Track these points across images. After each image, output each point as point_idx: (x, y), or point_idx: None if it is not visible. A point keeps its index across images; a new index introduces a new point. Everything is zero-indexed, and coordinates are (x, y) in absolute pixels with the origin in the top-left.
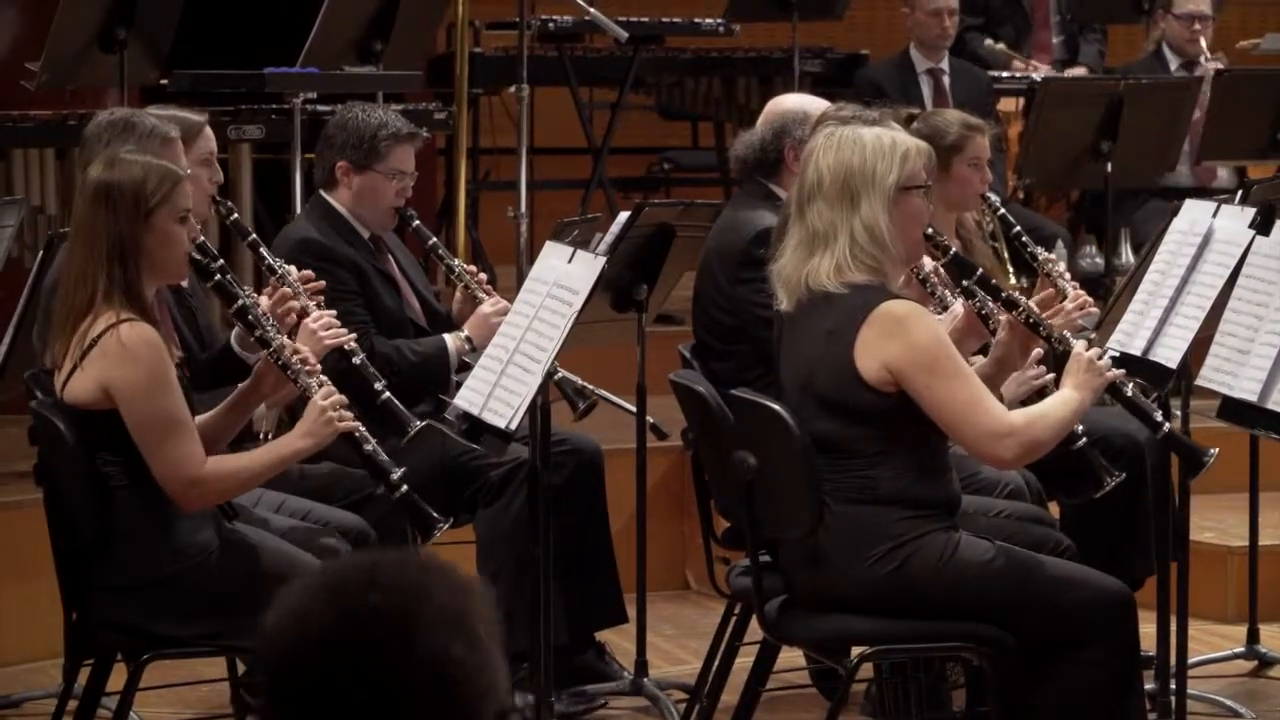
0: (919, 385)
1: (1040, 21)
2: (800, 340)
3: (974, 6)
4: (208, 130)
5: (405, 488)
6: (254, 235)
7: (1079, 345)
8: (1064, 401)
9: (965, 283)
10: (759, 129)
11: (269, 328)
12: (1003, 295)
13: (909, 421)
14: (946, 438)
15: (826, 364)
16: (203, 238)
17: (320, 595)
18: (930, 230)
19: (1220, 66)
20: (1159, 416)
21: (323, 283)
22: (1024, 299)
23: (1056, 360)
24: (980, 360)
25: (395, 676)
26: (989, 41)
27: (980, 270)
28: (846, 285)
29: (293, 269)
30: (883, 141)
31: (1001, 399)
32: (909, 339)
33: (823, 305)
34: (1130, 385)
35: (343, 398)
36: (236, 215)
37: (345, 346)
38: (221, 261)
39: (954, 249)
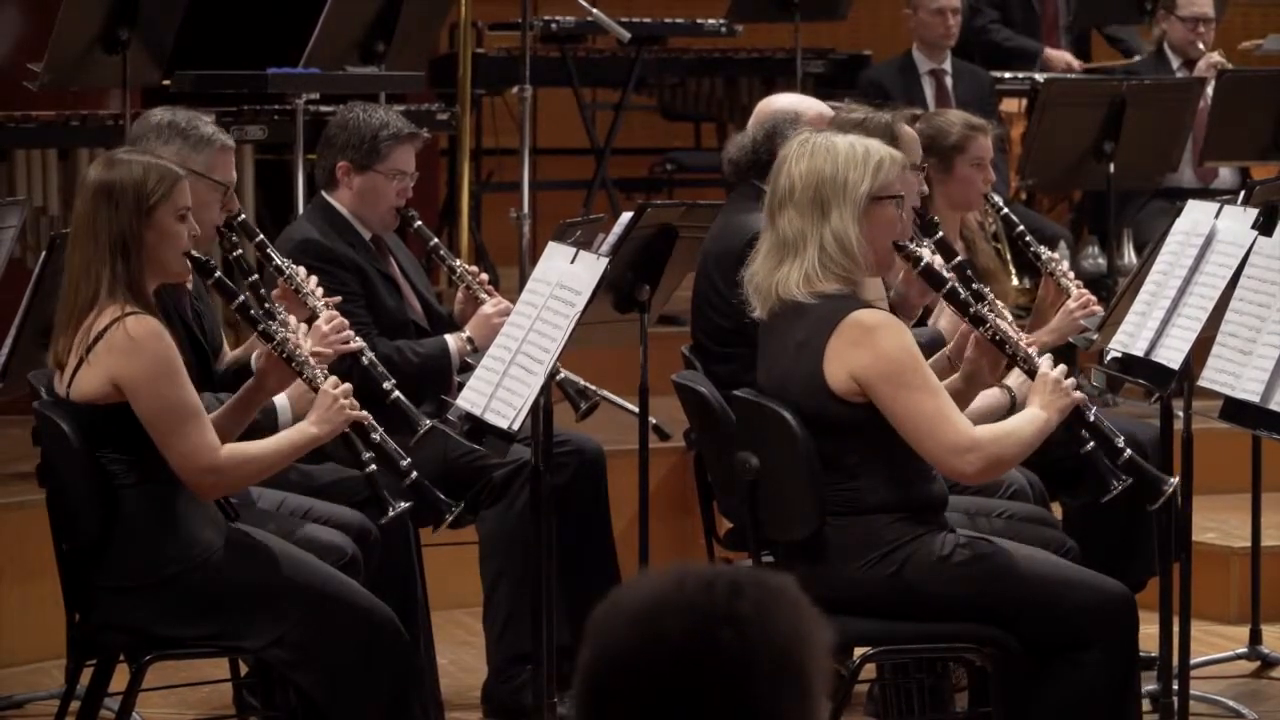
0: (884, 396)
1: (1049, 26)
2: (774, 352)
3: (990, 1)
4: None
5: (415, 474)
6: (261, 236)
7: (1044, 364)
8: (1030, 419)
9: (939, 291)
10: (750, 130)
11: (271, 323)
12: (970, 311)
13: (885, 431)
14: None
15: (798, 377)
16: (242, 250)
17: (673, 608)
18: (915, 237)
19: (1219, 62)
20: (1120, 442)
21: (325, 288)
22: (992, 316)
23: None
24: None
25: (723, 717)
26: None
27: (951, 283)
28: (816, 295)
29: (302, 270)
30: (856, 150)
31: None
32: (876, 349)
33: (793, 316)
34: (1094, 410)
35: (349, 386)
36: (244, 216)
37: (354, 346)
38: (255, 277)
39: (925, 259)
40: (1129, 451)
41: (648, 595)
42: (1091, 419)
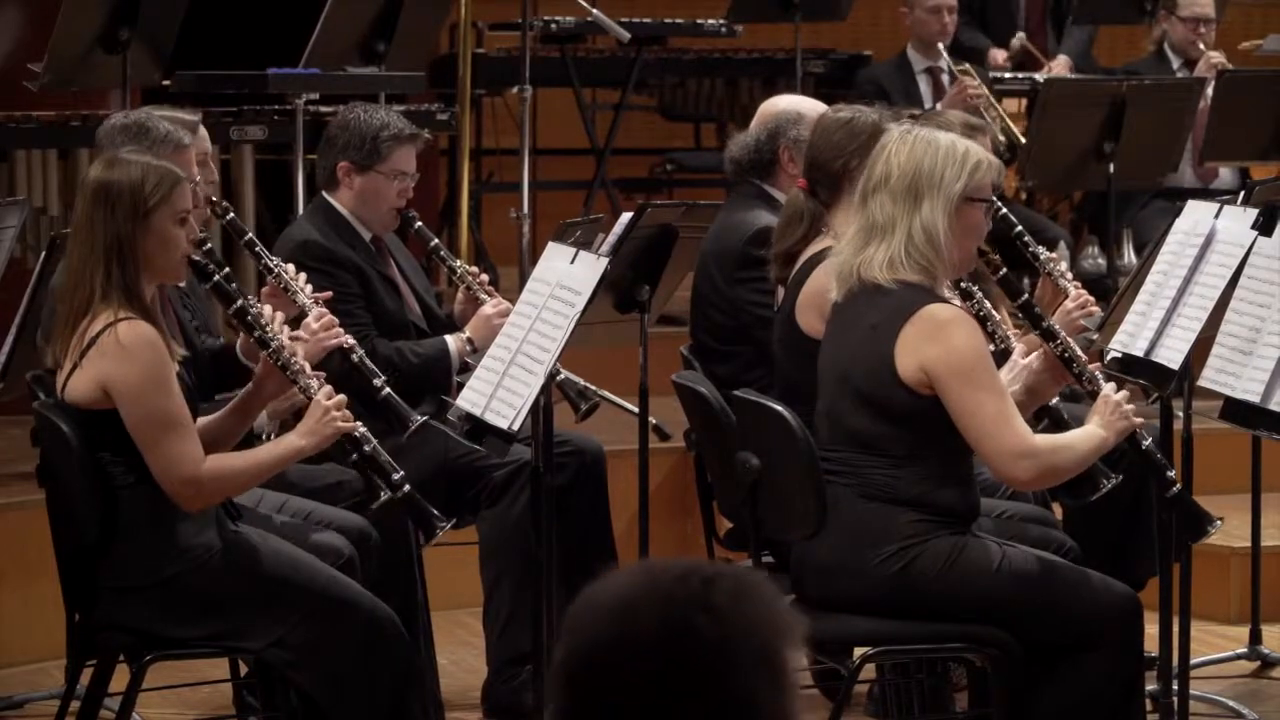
0: (950, 391)
1: (1035, 27)
2: (845, 331)
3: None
4: (202, 131)
5: (407, 487)
6: (250, 234)
7: (1108, 387)
8: (1088, 436)
9: (1015, 302)
10: (753, 130)
11: (268, 329)
12: (1043, 325)
13: (939, 427)
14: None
15: (866, 358)
16: (210, 244)
17: (648, 599)
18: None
19: (1220, 62)
20: (1171, 474)
21: (325, 289)
22: (1063, 332)
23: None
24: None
25: (701, 705)
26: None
27: (1026, 295)
28: (897, 282)
29: (291, 268)
30: (956, 148)
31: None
32: (949, 343)
33: (871, 296)
34: (1149, 439)
35: (344, 398)
36: (233, 215)
37: (344, 345)
38: (227, 269)
39: (1004, 270)
40: (1178, 486)
41: (623, 589)
42: (1145, 447)
